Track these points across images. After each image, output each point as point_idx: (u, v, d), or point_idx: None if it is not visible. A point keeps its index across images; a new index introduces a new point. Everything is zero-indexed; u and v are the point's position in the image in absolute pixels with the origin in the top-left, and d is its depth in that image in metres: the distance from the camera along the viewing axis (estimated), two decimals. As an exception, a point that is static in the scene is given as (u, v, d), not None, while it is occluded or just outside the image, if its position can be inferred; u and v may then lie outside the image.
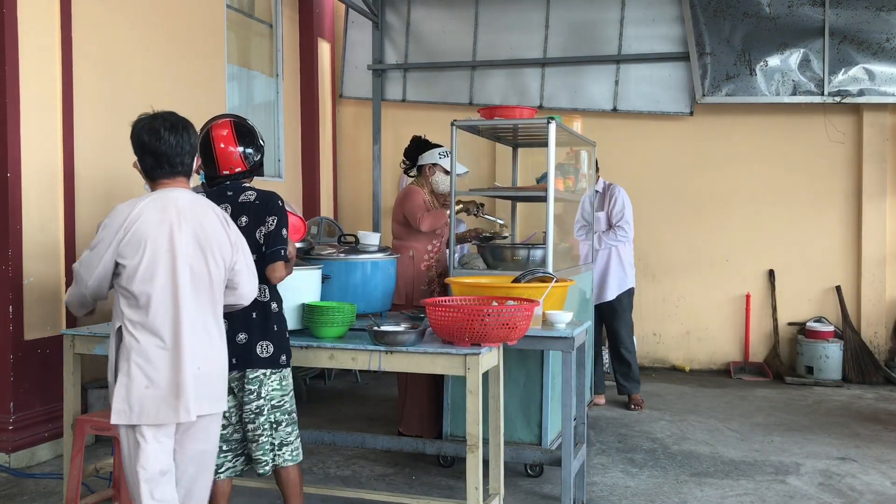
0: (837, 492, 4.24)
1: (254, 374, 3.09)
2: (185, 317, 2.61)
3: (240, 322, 3.07)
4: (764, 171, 7.40)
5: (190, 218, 2.68)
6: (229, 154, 3.20)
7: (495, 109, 4.77)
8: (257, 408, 3.10)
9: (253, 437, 3.12)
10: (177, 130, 2.79)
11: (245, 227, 3.07)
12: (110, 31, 5.26)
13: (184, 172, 2.79)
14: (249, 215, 3.11)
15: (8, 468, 4.44)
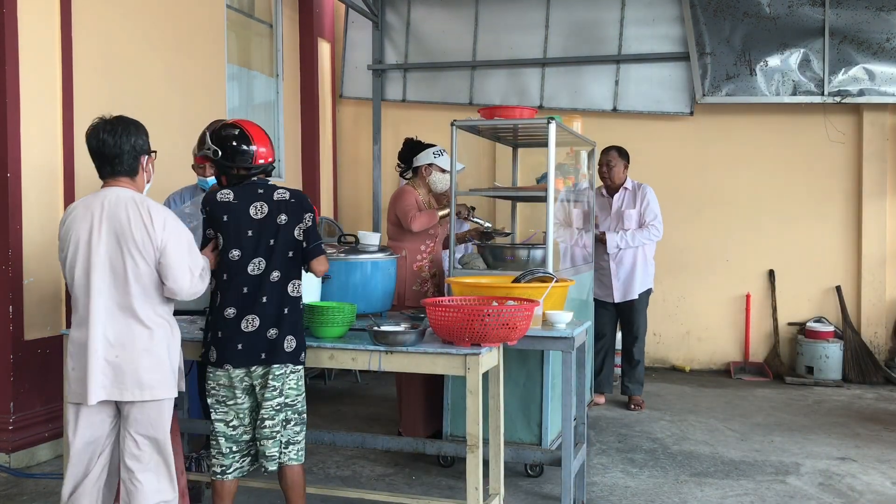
0: (837, 492, 4.24)
1: (280, 371, 3.16)
2: (97, 306, 2.86)
3: (272, 318, 3.16)
4: (764, 170, 7.40)
5: (110, 213, 2.88)
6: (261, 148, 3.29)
7: (495, 109, 4.77)
8: (278, 405, 3.17)
9: (270, 434, 3.16)
10: (116, 132, 2.94)
11: (285, 224, 3.18)
12: (110, 31, 5.26)
13: (125, 172, 2.97)
14: (288, 213, 3.20)
15: (8, 468, 4.45)
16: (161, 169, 5.60)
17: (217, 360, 3.17)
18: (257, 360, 3.15)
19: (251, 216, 3.17)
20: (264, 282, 3.17)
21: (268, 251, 3.17)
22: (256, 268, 3.16)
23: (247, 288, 3.16)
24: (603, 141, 6.14)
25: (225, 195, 3.20)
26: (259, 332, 3.14)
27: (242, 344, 3.14)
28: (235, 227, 3.17)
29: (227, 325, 3.16)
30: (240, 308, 3.15)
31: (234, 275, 3.17)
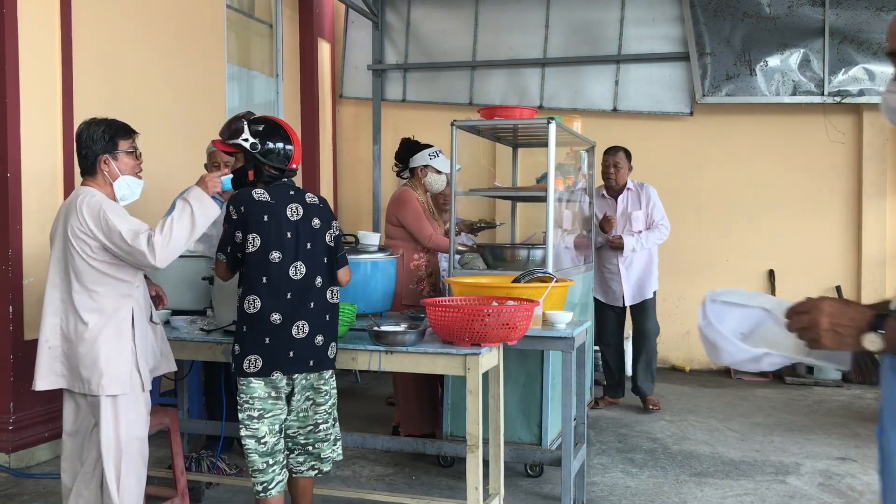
0: (837, 492, 4.24)
1: (328, 375, 3.19)
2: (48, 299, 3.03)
3: (317, 325, 3.11)
4: (764, 171, 7.40)
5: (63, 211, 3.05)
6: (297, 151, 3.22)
7: (495, 109, 4.77)
8: (330, 407, 3.20)
9: (325, 437, 3.20)
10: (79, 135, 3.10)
11: (319, 229, 3.14)
12: (110, 31, 5.26)
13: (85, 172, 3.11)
14: (320, 218, 3.16)
15: (8, 468, 4.45)
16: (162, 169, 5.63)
17: (262, 368, 3.01)
18: (306, 367, 3.09)
19: (288, 217, 3.06)
20: (310, 287, 3.08)
21: (307, 255, 3.08)
22: (298, 272, 3.06)
23: (291, 293, 3.04)
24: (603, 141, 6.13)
25: (261, 194, 3.06)
26: (308, 339, 3.07)
27: (294, 351, 3.04)
28: (277, 228, 3.03)
29: (274, 331, 3.01)
30: (287, 314, 3.03)
31: (277, 279, 3.02)
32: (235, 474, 4.35)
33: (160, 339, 3.25)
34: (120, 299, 3.03)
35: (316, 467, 3.25)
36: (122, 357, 3.00)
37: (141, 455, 3.09)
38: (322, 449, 3.21)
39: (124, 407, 3.01)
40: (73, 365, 3.00)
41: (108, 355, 2.97)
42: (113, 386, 2.97)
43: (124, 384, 3.00)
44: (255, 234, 3.02)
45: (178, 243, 2.98)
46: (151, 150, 5.61)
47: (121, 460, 3.00)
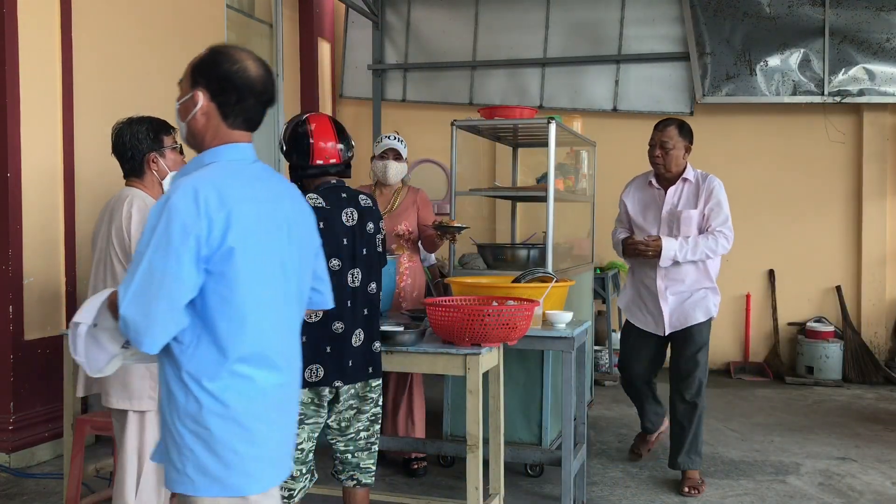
0: (837, 492, 4.24)
1: (377, 382, 3.07)
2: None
3: (371, 331, 3.04)
4: (764, 171, 7.40)
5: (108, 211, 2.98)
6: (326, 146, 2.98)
7: (495, 109, 4.77)
8: (373, 415, 3.08)
9: (366, 446, 3.08)
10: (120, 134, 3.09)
11: (371, 233, 3.03)
12: (110, 31, 5.26)
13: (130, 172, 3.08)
14: (374, 221, 3.04)
15: (8, 468, 4.45)
16: (161, 169, 5.62)
17: (323, 378, 2.92)
18: (364, 374, 3.01)
19: (343, 223, 2.95)
20: (363, 294, 3.01)
21: (362, 261, 3.00)
22: (355, 279, 2.97)
23: (350, 301, 2.96)
24: (603, 141, 6.14)
25: (315, 199, 2.92)
26: (365, 346, 3.00)
27: (353, 360, 2.97)
28: (333, 235, 2.91)
29: (335, 340, 2.94)
30: (348, 323, 2.95)
31: (337, 287, 2.83)
32: (235, 474, 4.35)
33: None
34: None
35: (355, 477, 3.10)
36: (147, 373, 2.87)
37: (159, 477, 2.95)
38: (361, 458, 3.09)
39: (151, 423, 2.91)
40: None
41: (136, 369, 2.85)
42: (142, 402, 2.88)
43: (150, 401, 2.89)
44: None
45: None
46: (151, 150, 5.62)
47: (139, 478, 2.90)
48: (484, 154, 7.83)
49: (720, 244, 4.17)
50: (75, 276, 4.92)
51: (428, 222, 4.47)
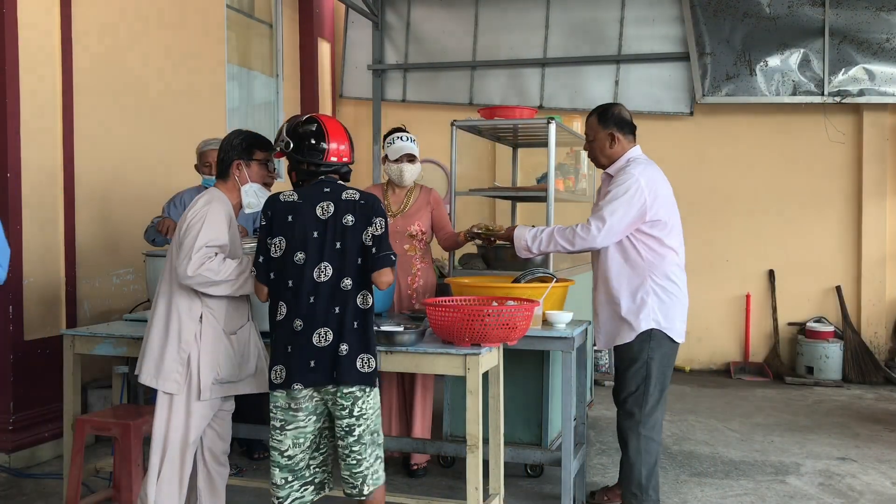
0: (837, 492, 4.24)
1: (348, 390, 2.84)
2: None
3: (343, 332, 2.85)
4: (764, 171, 7.40)
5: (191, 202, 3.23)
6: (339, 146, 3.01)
7: (495, 109, 4.77)
8: (348, 426, 2.86)
9: (347, 456, 2.89)
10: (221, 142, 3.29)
11: (352, 226, 2.89)
12: (110, 31, 5.26)
13: (218, 175, 3.26)
14: (355, 214, 2.90)
15: (8, 468, 4.44)
16: (161, 169, 5.63)
17: (285, 380, 2.84)
18: (329, 378, 2.83)
19: (317, 216, 2.89)
20: (335, 290, 2.86)
21: (335, 255, 2.87)
22: (323, 273, 2.85)
23: (314, 297, 2.84)
24: (603, 141, 6.12)
25: (288, 195, 2.94)
26: (332, 347, 2.83)
27: (315, 361, 2.82)
28: (301, 228, 2.87)
29: (295, 338, 2.85)
30: (308, 320, 2.84)
31: (299, 281, 2.85)
32: (235, 474, 4.35)
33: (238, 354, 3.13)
34: (194, 299, 3.06)
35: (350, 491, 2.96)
36: (178, 357, 3.02)
37: (182, 459, 3.04)
38: (349, 468, 2.90)
39: (177, 407, 3.02)
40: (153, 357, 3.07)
41: (167, 352, 3.03)
42: (167, 384, 3.02)
43: (176, 385, 3.01)
44: (281, 236, 2.90)
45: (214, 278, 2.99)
46: (151, 149, 5.64)
47: (164, 459, 3.02)
48: (484, 154, 7.83)
49: (579, 235, 3.63)
50: (75, 276, 4.92)
51: (444, 222, 4.44)
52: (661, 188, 3.67)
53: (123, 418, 3.41)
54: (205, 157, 4.55)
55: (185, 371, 3.02)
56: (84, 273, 5.01)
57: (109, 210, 5.24)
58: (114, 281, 5.28)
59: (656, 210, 3.61)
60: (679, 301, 3.70)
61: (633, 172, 3.63)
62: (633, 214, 3.58)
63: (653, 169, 3.72)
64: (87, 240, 5.03)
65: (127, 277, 5.37)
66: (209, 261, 2.97)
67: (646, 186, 3.60)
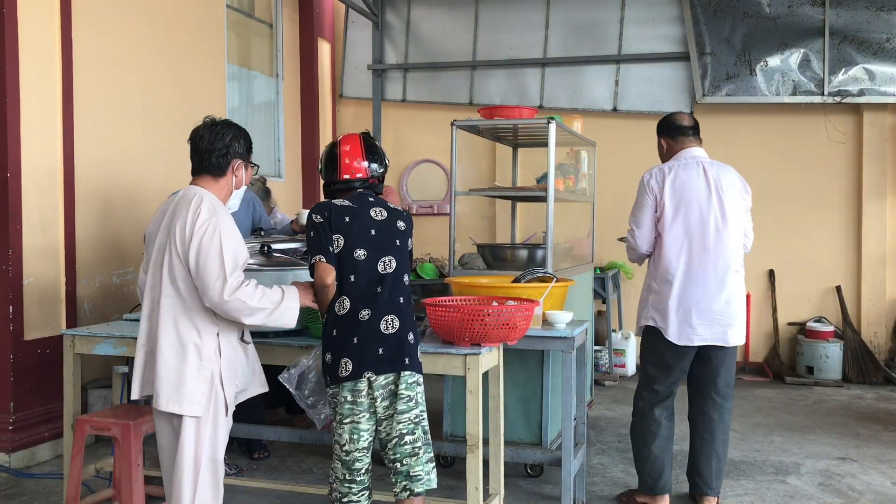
0: (837, 492, 4.24)
1: (412, 379, 2.91)
2: (146, 301, 2.85)
3: (408, 322, 2.95)
4: (764, 171, 7.38)
5: (171, 208, 2.84)
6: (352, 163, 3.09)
7: (495, 109, 4.77)
8: (416, 416, 2.91)
9: (412, 451, 2.88)
10: (214, 129, 2.91)
11: (403, 230, 3.07)
12: (110, 31, 5.26)
13: (209, 170, 2.89)
14: (405, 222, 3.11)
15: (8, 468, 4.45)
16: (161, 169, 5.63)
17: (353, 371, 2.84)
18: (399, 365, 2.87)
19: (372, 217, 3.01)
20: (398, 281, 2.98)
21: (395, 251, 3.00)
22: (387, 266, 2.96)
23: (380, 287, 2.92)
24: (603, 141, 6.13)
25: (342, 202, 3.02)
26: (399, 334, 2.90)
27: (384, 348, 2.86)
28: (359, 227, 2.96)
29: (363, 328, 2.87)
30: (375, 308, 2.89)
31: (364, 274, 2.93)
32: (235, 474, 4.36)
33: (252, 359, 3.02)
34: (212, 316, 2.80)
35: (407, 487, 2.89)
36: (200, 376, 2.77)
37: (216, 478, 2.86)
38: (411, 465, 2.87)
39: (204, 428, 2.80)
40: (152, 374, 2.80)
41: (187, 373, 2.75)
42: (193, 407, 2.75)
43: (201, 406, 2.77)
44: (339, 234, 2.94)
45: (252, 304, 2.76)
46: (151, 149, 5.63)
47: (196, 482, 2.79)
48: (484, 154, 7.83)
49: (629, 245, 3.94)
50: (75, 276, 4.92)
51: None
52: (676, 184, 3.79)
53: (123, 418, 3.41)
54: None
55: (210, 389, 2.78)
56: (84, 273, 5.01)
57: (109, 210, 5.24)
58: (114, 281, 5.28)
59: (663, 205, 3.75)
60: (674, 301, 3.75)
61: (646, 174, 3.86)
62: (647, 213, 3.80)
63: (680, 167, 3.86)
64: (87, 240, 5.03)
65: (127, 277, 5.37)
66: (245, 286, 2.75)
67: (654, 182, 3.79)
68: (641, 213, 3.82)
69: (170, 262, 2.77)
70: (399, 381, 2.88)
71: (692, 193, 3.78)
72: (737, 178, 3.96)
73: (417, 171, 8.29)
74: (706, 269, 3.80)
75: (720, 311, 3.86)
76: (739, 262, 3.99)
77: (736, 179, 3.94)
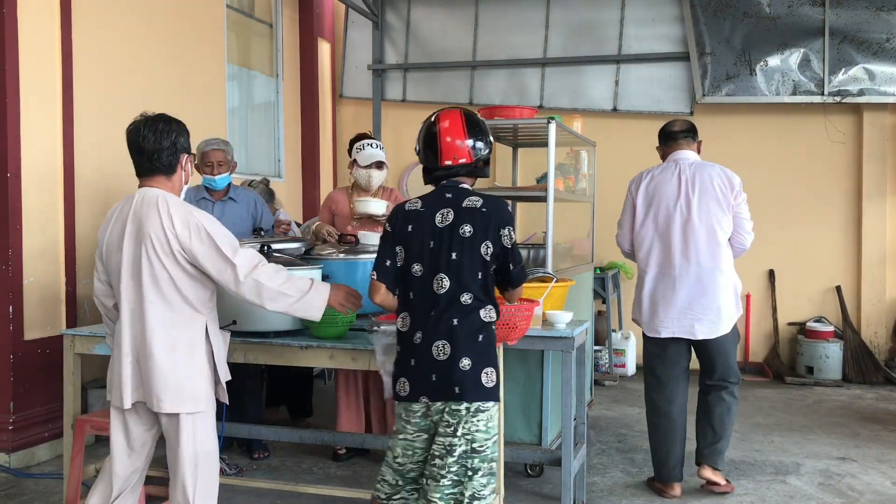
0: (837, 492, 4.24)
1: (457, 407, 2.68)
2: (125, 310, 2.79)
3: (464, 347, 2.70)
4: (764, 171, 7.39)
5: (133, 213, 2.79)
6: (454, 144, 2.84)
7: (495, 109, 4.77)
8: (450, 444, 2.67)
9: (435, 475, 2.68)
10: (157, 128, 2.85)
11: (470, 238, 2.74)
12: (110, 31, 5.26)
13: (161, 169, 2.84)
14: (474, 225, 2.75)
15: (8, 468, 4.45)
16: (161, 169, 5.61)
17: (409, 392, 2.73)
18: (451, 395, 2.67)
19: (435, 224, 2.77)
20: (453, 303, 2.73)
21: (452, 267, 2.74)
22: (440, 285, 2.73)
23: (434, 309, 2.74)
24: (603, 141, 6.13)
25: (414, 203, 2.85)
26: (451, 362, 2.68)
27: (436, 374, 2.70)
28: (419, 239, 2.77)
29: (417, 351, 2.74)
30: (427, 332, 2.72)
31: (419, 293, 2.77)
32: (235, 474, 4.36)
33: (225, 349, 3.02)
34: (196, 311, 2.81)
35: None
36: (197, 372, 2.79)
37: (216, 470, 2.89)
38: (430, 488, 2.67)
39: (201, 423, 2.81)
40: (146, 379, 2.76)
41: (186, 372, 2.76)
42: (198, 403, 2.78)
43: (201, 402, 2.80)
44: (401, 245, 2.81)
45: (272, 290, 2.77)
46: (151, 150, 5.62)
47: (197, 477, 2.80)
48: (484, 154, 7.82)
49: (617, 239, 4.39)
50: (75, 276, 4.92)
51: None
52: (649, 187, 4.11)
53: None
54: (207, 157, 4.55)
55: (209, 384, 2.83)
56: (84, 273, 5.01)
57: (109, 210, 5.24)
58: (114, 281, 5.28)
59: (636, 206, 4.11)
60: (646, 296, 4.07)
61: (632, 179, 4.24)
62: (627, 214, 4.20)
63: (658, 170, 4.16)
64: (87, 240, 5.03)
65: (127, 277, 5.37)
66: (263, 266, 2.75)
67: (633, 186, 4.19)
68: (623, 214, 4.23)
69: (150, 268, 2.72)
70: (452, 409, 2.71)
71: (662, 194, 4.04)
72: (717, 176, 4.15)
73: (417, 171, 8.23)
74: (673, 266, 4.00)
75: (686, 306, 3.98)
76: (713, 258, 4.02)
77: (716, 177, 4.14)
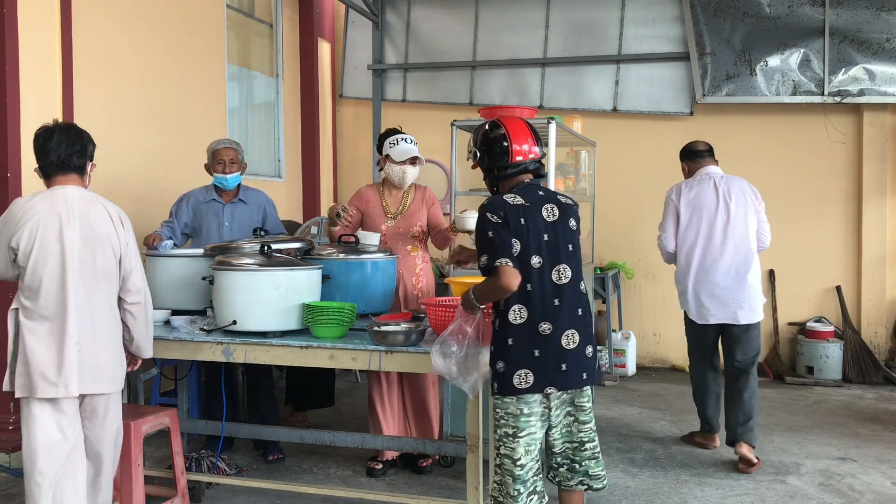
0: (837, 492, 4.24)
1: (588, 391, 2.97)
2: (71, 302, 2.93)
3: (586, 334, 2.91)
4: (764, 171, 7.39)
5: (77, 211, 2.97)
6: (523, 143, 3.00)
7: (495, 109, 4.78)
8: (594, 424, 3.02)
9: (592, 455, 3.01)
10: (70, 132, 3.04)
11: (575, 230, 2.97)
12: (110, 30, 5.26)
13: (76, 169, 3.05)
14: (576, 219, 2.98)
15: (8, 468, 4.44)
16: (161, 168, 5.63)
17: (534, 384, 2.82)
18: (579, 381, 2.87)
19: (544, 218, 2.90)
20: (576, 292, 2.89)
21: (569, 257, 2.90)
22: (561, 276, 2.87)
23: (558, 299, 2.85)
24: (603, 141, 6.13)
25: (512, 198, 2.90)
26: (579, 349, 2.86)
27: (566, 364, 2.83)
28: (534, 231, 2.85)
29: (544, 342, 2.82)
30: (556, 323, 2.83)
31: (540, 284, 2.84)
32: (235, 474, 4.36)
33: None
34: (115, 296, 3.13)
35: (585, 482, 3.03)
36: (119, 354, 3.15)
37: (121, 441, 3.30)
38: (590, 466, 2.99)
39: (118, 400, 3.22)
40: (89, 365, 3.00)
41: (120, 354, 3.14)
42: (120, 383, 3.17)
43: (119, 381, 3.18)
44: (516, 238, 2.84)
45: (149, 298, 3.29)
46: (151, 149, 5.63)
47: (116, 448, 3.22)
48: (484, 154, 7.82)
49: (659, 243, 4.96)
50: (75, 276, 4.91)
51: (439, 220, 4.45)
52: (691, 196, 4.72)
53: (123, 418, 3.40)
54: (218, 155, 4.56)
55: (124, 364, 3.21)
56: (84, 273, 5.01)
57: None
58: (114, 281, 5.27)
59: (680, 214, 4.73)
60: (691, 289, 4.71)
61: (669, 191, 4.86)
62: (670, 220, 4.80)
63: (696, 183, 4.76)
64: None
65: (127, 277, 5.36)
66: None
67: (674, 196, 4.80)
68: (665, 220, 4.82)
69: (104, 262, 3.02)
70: (581, 394, 2.90)
71: (703, 203, 4.67)
72: (747, 187, 4.74)
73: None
74: (716, 263, 4.62)
75: (730, 296, 4.61)
76: (747, 254, 4.64)
77: (746, 188, 4.72)
